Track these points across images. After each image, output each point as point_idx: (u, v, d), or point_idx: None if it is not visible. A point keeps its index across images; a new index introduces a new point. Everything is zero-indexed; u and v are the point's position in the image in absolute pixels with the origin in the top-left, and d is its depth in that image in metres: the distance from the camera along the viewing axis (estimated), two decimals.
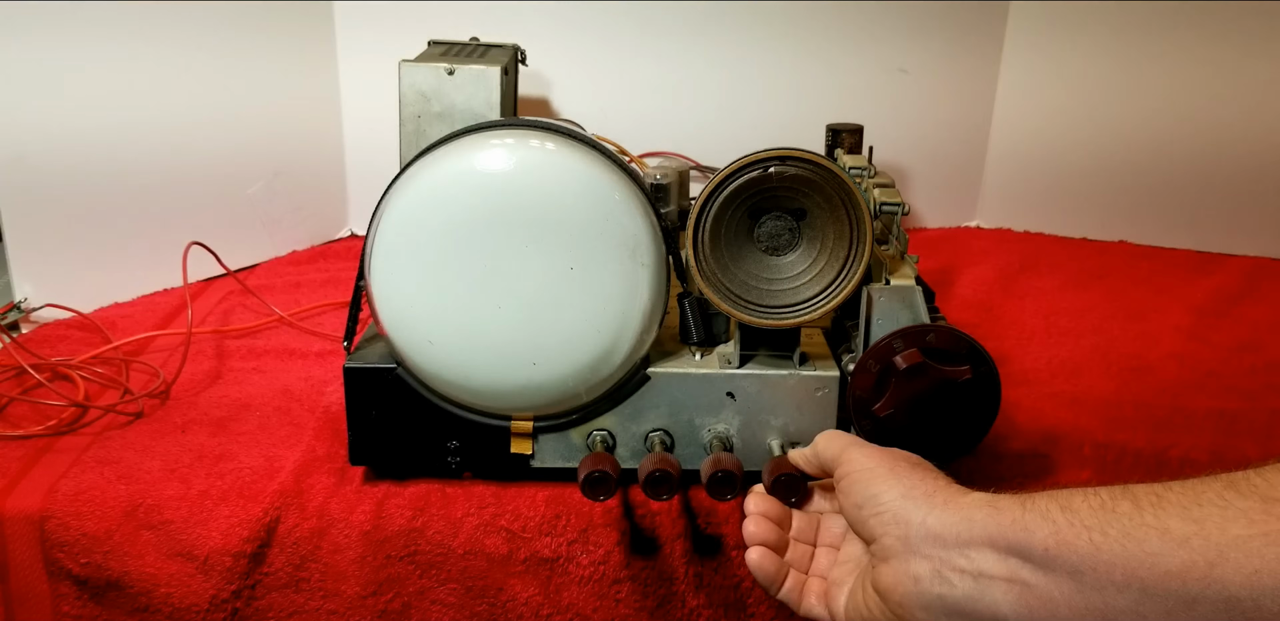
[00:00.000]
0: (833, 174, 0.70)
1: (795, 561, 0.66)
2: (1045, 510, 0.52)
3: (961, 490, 0.58)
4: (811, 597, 0.65)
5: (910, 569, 0.56)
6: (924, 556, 0.56)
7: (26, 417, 0.86)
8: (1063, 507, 0.52)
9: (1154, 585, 0.48)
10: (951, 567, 0.54)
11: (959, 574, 0.54)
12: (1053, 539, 0.51)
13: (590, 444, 0.76)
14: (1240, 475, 0.48)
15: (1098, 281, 1.18)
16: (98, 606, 0.76)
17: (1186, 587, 0.47)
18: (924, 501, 0.57)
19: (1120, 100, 1.25)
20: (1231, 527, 0.46)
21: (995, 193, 1.34)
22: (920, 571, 0.56)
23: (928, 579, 0.55)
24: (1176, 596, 0.47)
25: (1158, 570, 0.48)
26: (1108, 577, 0.49)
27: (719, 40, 1.25)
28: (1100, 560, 0.49)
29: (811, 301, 0.72)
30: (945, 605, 0.55)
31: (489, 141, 0.72)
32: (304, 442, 0.82)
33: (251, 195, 1.19)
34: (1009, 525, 0.53)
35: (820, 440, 0.67)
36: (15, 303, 1.01)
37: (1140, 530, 0.48)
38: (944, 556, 0.55)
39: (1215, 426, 0.86)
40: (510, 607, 0.76)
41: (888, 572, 0.57)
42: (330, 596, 0.75)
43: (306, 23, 1.20)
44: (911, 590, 0.56)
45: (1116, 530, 0.49)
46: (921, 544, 0.56)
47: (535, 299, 0.71)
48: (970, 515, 0.55)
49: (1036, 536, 0.52)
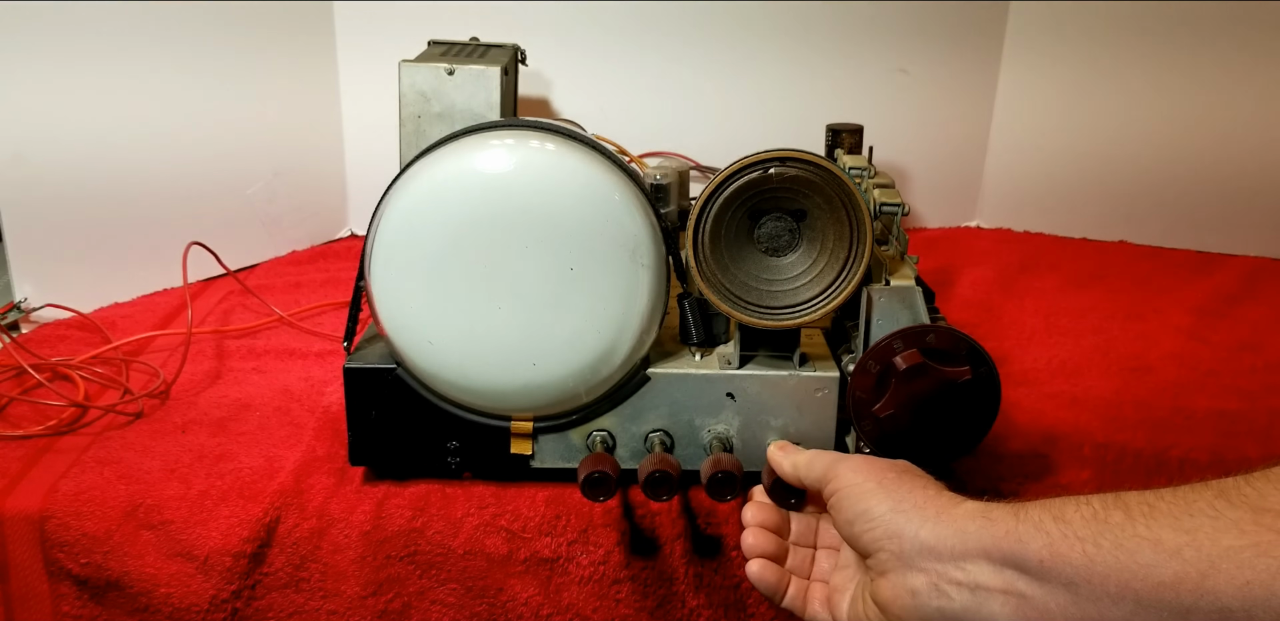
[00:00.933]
0: (833, 175, 0.70)
1: (796, 567, 0.66)
2: (1039, 521, 0.52)
3: (953, 499, 0.58)
4: (815, 604, 0.65)
5: (907, 583, 0.56)
6: (920, 570, 0.56)
7: (26, 417, 0.86)
8: (1056, 518, 0.52)
9: (1148, 596, 0.48)
10: (948, 580, 0.55)
11: (955, 586, 0.54)
12: (1047, 550, 0.51)
13: (590, 444, 0.76)
14: (1231, 483, 0.49)
15: (1098, 281, 1.18)
16: (98, 606, 0.76)
17: (1180, 599, 0.47)
18: (916, 514, 0.57)
19: (1120, 100, 1.25)
20: (1223, 538, 0.47)
21: (995, 193, 1.34)
22: (917, 585, 0.56)
23: (925, 592, 0.55)
24: (1170, 607, 0.47)
25: (1151, 581, 0.48)
26: (1102, 589, 0.49)
27: (719, 40, 1.25)
28: (1095, 572, 0.49)
29: (811, 302, 0.72)
30: (944, 618, 0.55)
31: (489, 142, 0.72)
32: (304, 443, 0.82)
33: (251, 195, 1.19)
34: (1003, 536, 0.53)
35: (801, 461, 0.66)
36: (15, 302, 1.01)
37: (1133, 541, 0.49)
38: (940, 569, 0.55)
39: (1215, 426, 0.86)
40: (510, 607, 0.76)
41: (885, 587, 0.58)
42: (330, 596, 0.75)
43: (306, 23, 1.20)
44: (910, 604, 0.56)
45: (1109, 541, 0.49)
46: (916, 557, 0.56)
47: (535, 299, 0.71)
48: (964, 527, 0.55)
49: (1031, 548, 0.52)
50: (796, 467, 0.66)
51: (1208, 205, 1.25)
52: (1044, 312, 1.10)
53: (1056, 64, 1.26)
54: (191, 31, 1.09)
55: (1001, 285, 1.17)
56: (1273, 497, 0.46)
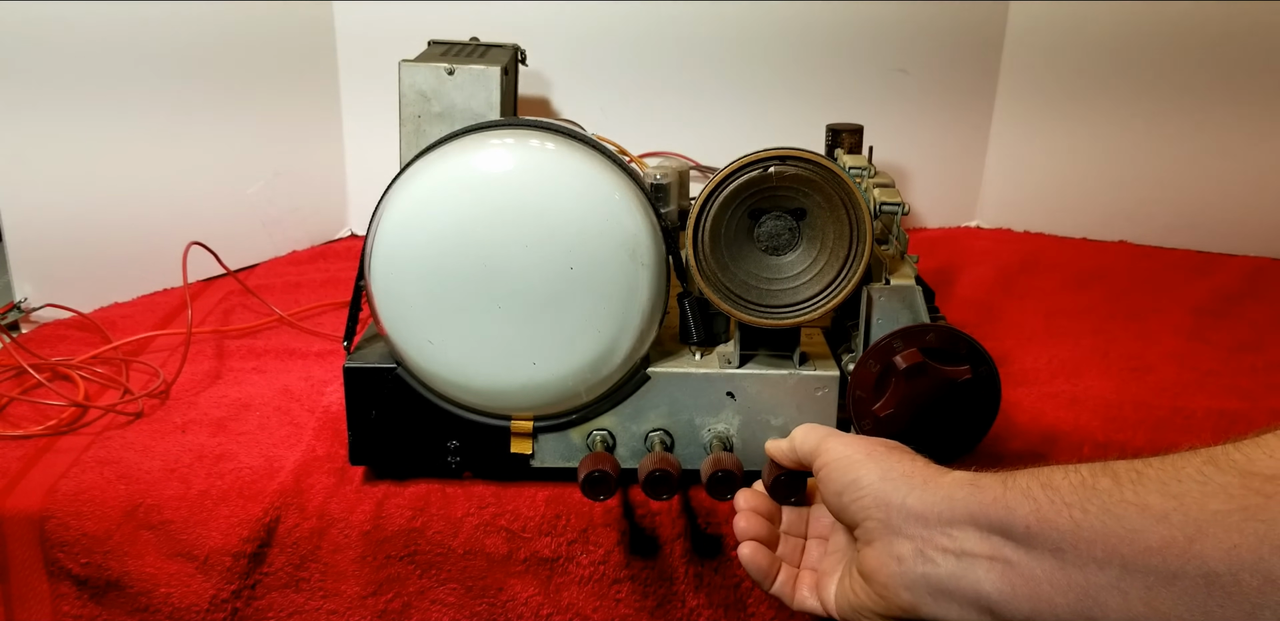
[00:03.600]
0: (833, 173, 0.70)
1: (787, 556, 0.66)
2: (1026, 488, 0.52)
3: (941, 470, 0.58)
4: (804, 590, 0.65)
5: (893, 549, 0.56)
6: (906, 536, 0.56)
7: (26, 417, 0.86)
8: (1043, 485, 0.52)
9: (1134, 561, 0.48)
10: (934, 546, 0.55)
11: (942, 552, 0.54)
12: (1034, 516, 0.51)
13: (590, 444, 0.76)
14: (1220, 450, 0.48)
15: (1098, 281, 1.18)
16: (98, 606, 0.76)
17: (1166, 563, 0.47)
18: (903, 482, 0.57)
19: (1120, 99, 1.25)
20: (1210, 503, 0.46)
21: (995, 193, 1.34)
22: (903, 551, 0.56)
23: (911, 558, 0.55)
24: (1157, 572, 0.47)
25: (1138, 546, 0.48)
26: (1089, 554, 0.49)
27: (719, 40, 1.25)
28: (1081, 537, 0.49)
29: (811, 301, 0.72)
30: (929, 584, 0.55)
31: (489, 141, 0.72)
32: (304, 442, 0.82)
33: (251, 195, 1.19)
34: (990, 503, 0.53)
35: (798, 434, 0.66)
36: (15, 302, 1.01)
37: (1120, 506, 0.48)
38: (926, 535, 0.55)
39: (1215, 426, 0.86)
40: (510, 607, 0.76)
41: (871, 555, 0.57)
42: (330, 596, 0.75)
43: (306, 23, 1.20)
44: (895, 570, 0.56)
45: (1096, 507, 0.49)
46: (904, 524, 0.56)
47: (535, 299, 0.71)
48: (951, 493, 0.55)
49: (1018, 514, 0.52)
50: (793, 441, 0.66)
51: (1208, 205, 1.25)
52: (1044, 313, 1.10)
53: (1057, 64, 1.26)
54: (192, 31, 1.09)
55: (1001, 285, 1.17)
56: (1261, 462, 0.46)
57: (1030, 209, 1.33)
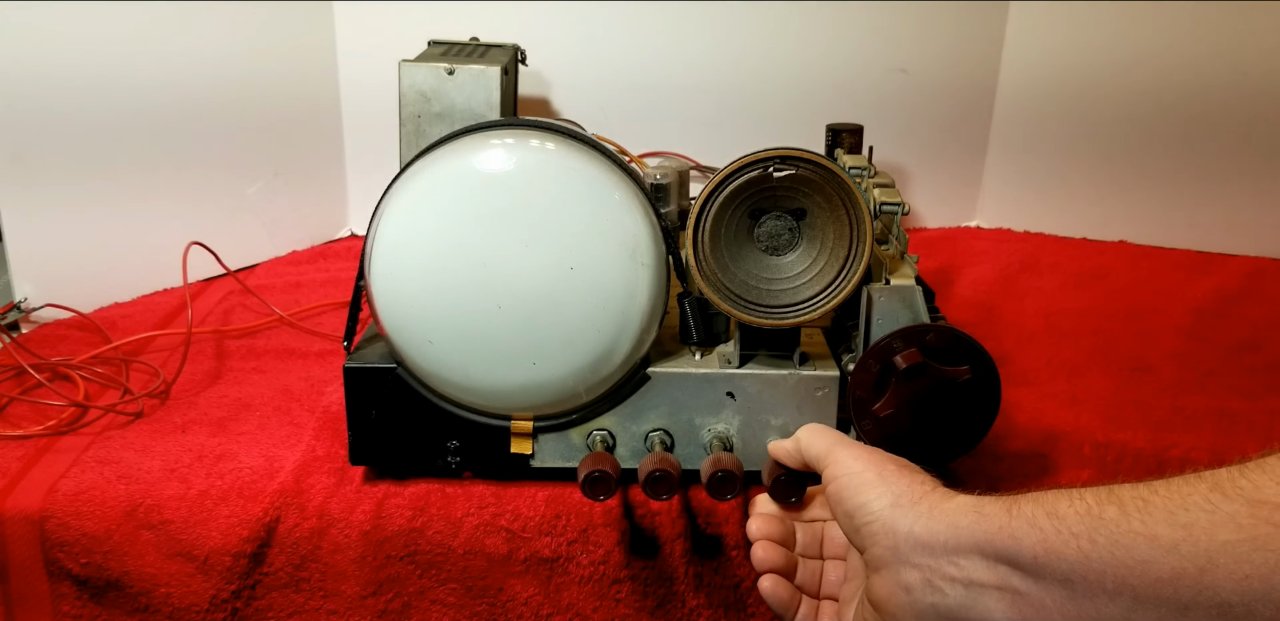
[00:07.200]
0: (833, 173, 0.70)
1: (806, 583, 0.66)
2: (1031, 516, 0.52)
3: (946, 494, 0.58)
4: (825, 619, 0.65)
5: (901, 578, 0.56)
6: (914, 565, 0.55)
7: (26, 417, 0.86)
8: (1049, 513, 0.51)
9: (1145, 592, 0.48)
10: (942, 576, 0.54)
11: (949, 582, 0.54)
12: (1041, 547, 0.51)
13: (590, 444, 0.76)
14: (1225, 475, 0.48)
15: (1098, 281, 1.18)
16: (98, 606, 0.76)
17: (1178, 594, 0.47)
18: (910, 509, 0.57)
19: (1119, 100, 1.25)
20: (1219, 533, 0.46)
21: (995, 193, 1.34)
22: (911, 581, 0.55)
23: (919, 588, 0.55)
24: (1169, 603, 0.47)
25: (1148, 577, 0.47)
26: (1099, 585, 0.49)
27: (719, 40, 1.25)
28: (1090, 568, 0.49)
29: (811, 301, 0.72)
30: (939, 614, 0.54)
31: (489, 141, 0.72)
32: (304, 442, 0.82)
33: (251, 195, 1.19)
34: (995, 532, 0.53)
35: (803, 436, 0.66)
36: (15, 302, 1.01)
37: (1128, 537, 0.48)
38: (933, 565, 0.55)
39: (1215, 426, 0.86)
40: (510, 607, 0.76)
41: (880, 583, 0.57)
42: (330, 596, 0.75)
43: (306, 23, 1.20)
44: (904, 600, 0.56)
45: (1104, 537, 0.49)
46: (910, 553, 0.56)
47: (535, 299, 0.71)
48: (956, 521, 0.55)
49: (1024, 544, 0.51)
50: (799, 442, 0.66)
51: (1208, 205, 1.25)
52: (1044, 313, 1.10)
53: (1056, 65, 1.26)
54: (193, 31, 1.09)
55: (1001, 285, 1.17)
56: (1268, 489, 0.46)
57: (1030, 209, 1.33)
